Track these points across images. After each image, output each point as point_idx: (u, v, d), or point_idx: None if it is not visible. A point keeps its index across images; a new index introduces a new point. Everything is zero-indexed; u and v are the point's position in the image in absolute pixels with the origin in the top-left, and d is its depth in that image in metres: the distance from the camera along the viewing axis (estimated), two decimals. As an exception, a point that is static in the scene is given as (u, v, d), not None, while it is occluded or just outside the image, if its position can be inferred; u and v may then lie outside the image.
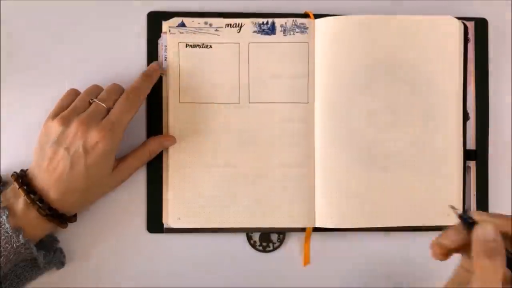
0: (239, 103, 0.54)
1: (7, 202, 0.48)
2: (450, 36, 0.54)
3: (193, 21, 0.53)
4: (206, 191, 0.54)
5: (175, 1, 0.55)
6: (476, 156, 0.55)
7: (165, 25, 0.54)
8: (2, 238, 0.46)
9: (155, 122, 0.54)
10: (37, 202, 0.48)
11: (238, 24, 0.54)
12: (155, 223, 0.54)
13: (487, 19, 0.56)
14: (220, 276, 0.55)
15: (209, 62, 0.54)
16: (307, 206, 0.54)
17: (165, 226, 0.54)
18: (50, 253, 0.51)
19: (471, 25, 0.56)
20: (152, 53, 0.54)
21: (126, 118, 0.50)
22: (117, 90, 0.51)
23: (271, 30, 0.54)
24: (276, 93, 0.54)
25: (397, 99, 0.54)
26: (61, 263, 0.52)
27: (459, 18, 0.55)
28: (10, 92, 0.54)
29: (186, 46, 0.53)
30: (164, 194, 0.54)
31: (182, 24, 0.53)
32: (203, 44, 0.53)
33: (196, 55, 0.53)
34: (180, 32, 0.53)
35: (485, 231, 0.38)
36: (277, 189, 0.54)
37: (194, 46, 0.54)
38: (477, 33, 0.56)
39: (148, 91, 0.52)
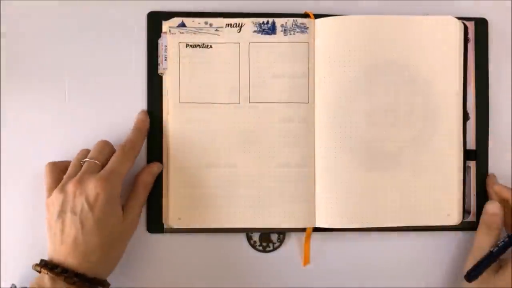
0: (239, 103, 0.54)
1: None
2: (450, 36, 0.54)
3: (193, 21, 0.53)
4: (206, 191, 0.53)
5: (175, 1, 0.55)
6: (476, 156, 0.55)
7: (165, 25, 0.53)
8: None
9: (155, 122, 0.54)
10: (62, 273, 0.46)
11: (239, 24, 0.53)
12: (155, 223, 0.54)
13: (487, 19, 0.56)
14: (220, 276, 0.55)
15: (210, 62, 0.53)
16: (307, 206, 0.54)
17: (165, 226, 0.54)
18: None
19: (471, 25, 0.56)
20: (152, 53, 0.54)
21: (123, 169, 0.50)
22: (106, 146, 0.51)
23: (272, 30, 0.54)
24: (277, 93, 0.54)
25: (397, 99, 0.54)
26: None
27: (459, 18, 0.54)
28: (10, 93, 0.54)
29: (187, 46, 0.53)
30: (164, 194, 0.54)
31: (182, 24, 0.53)
32: (203, 44, 0.53)
33: (197, 55, 0.53)
34: (181, 32, 0.53)
35: (490, 206, 0.53)
36: (277, 189, 0.54)
37: (195, 46, 0.53)
38: (477, 33, 0.56)
39: (142, 143, 0.53)
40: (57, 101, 0.54)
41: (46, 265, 0.47)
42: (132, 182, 0.53)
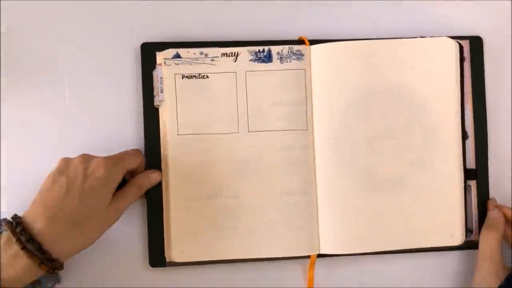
0: (238, 132, 0.53)
1: None
2: (445, 56, 0.54)
3: (188, 51, 0.53)
4: (208, 223, 0.53)
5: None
6: (477, 175, 0.55)
7: (160, 57, 0.52)
8: None
9: (154, 155, 0.53)
10: (19, 233, 0.44)
11: (234, 53, 0.53)
12: (157, 257, 0.53)
13: (481, 36, 0.56)
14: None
15: (207, 93, 0.53)
16: (311, 233, 0.53)
17: (167, 260, 0.53)
18: None
19: (466, 43, 0.56)
20: (147, 85, 0.53)
21: (131, 161, 0.50)
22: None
23: (268, 58, 0.53)
24: (275, 121, 0.53)
25: (396, 121, 0.54)
26: None
27: (453, 37, 0.54)
28: (10, 93, 0.54)
29: (183, 78, 0.53)
30: (165, 227, 0.53)
31: (177, 55, 0.52)
32: (199, 74, 0.53)
33: (193, 86, 0.53)
34: (176, 64, 0.52)
35: (492, 213, 0.54)
36: (281, 217, 0.53)
37: (191, 77, 0.53)
38: (473, 51, 0.56)
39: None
40: (57, 101, 0.54)
41: (10, 222, 0.45)
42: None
